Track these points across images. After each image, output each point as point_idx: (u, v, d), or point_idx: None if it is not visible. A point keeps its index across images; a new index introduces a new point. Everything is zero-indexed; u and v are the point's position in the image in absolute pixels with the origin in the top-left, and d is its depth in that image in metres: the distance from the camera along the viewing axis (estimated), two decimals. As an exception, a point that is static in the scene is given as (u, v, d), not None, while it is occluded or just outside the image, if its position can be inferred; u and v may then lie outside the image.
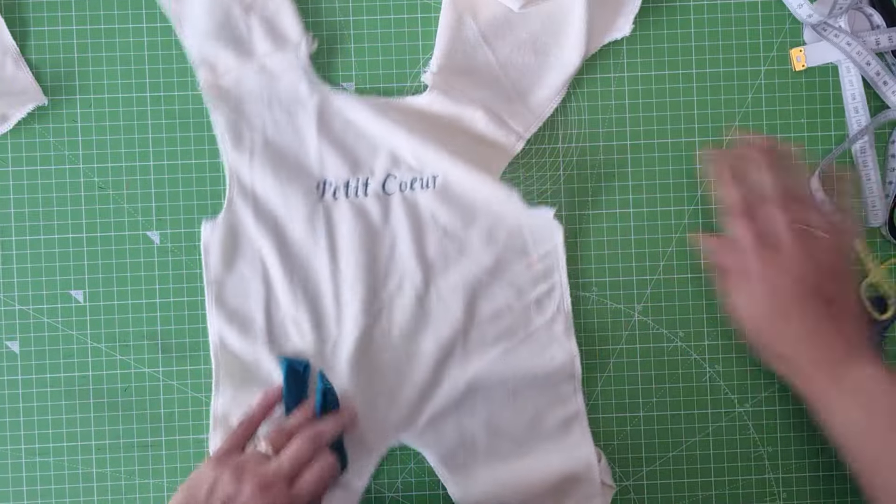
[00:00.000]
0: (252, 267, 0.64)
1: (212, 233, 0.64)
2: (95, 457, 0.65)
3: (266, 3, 0.64)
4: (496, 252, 0.65)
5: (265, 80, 0.64)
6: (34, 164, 0.65)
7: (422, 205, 0.65)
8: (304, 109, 0.64)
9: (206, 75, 0.64)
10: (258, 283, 0.64)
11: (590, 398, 0.66)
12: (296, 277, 0.64)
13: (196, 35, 0.64)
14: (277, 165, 0.64)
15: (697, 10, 0.67)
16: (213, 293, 0.64)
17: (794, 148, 0.63)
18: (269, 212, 0.64)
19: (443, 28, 0.64)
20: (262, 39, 0.64)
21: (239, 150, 0.64)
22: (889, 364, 0.67)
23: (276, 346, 0.64)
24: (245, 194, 0.64)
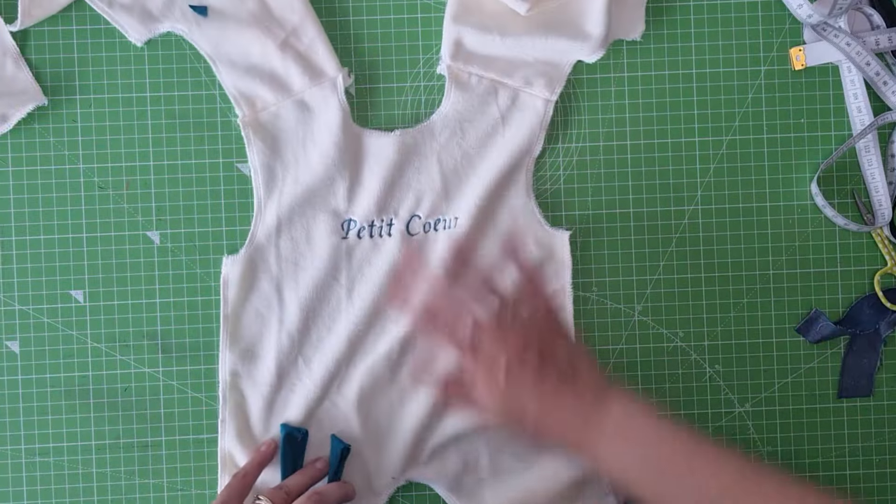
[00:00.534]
0: (268, 304, 0.64)
1: (232, 267, 0.64)
2: (95, 457, 0.65)
3: (300, 38, 0.64)
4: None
5: (302, 116, 0.64)
6: (34, 164, 0.65)
7: (443, 247, 0.64)
8: (336, 149, 0.64)
9: (245, 111, 0.64)
10: (273, 320, 0.64)
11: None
12: (311, 315, 0.64)
13: (233, 73, 0.64)
14: (305, 203, 0.64)
15: (697, 10, 0.67)
16: (228, 329, 0.64)
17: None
18: (291, 249, 0.64)
19: (448, 20, 0.64)
20: (298, 75, 0.64)
21: (270, 187, 0.64)
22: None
23: (286, 385, 0.64)
24: (269, 230, 0.64)
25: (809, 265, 0.67)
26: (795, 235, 0.67)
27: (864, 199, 0.67)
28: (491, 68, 0.64)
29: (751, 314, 0.67)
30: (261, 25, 0.63)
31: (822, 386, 0.67)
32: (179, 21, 0.63)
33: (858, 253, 0.67)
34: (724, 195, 0.67)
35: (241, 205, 0.65)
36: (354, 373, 0.64)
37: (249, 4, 0.63)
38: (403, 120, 0.66)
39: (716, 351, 0.67)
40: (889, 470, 0.67)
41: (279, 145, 0.64)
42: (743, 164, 0.67)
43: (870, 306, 0.67)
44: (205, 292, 0.65)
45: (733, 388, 0.67)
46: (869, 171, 0.67)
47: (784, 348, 0.67)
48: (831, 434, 0.67)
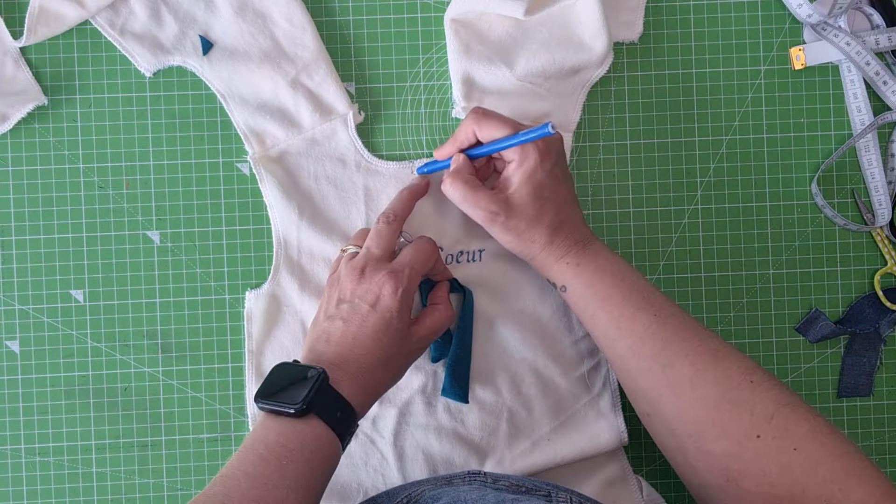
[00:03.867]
0: (293, 337, 0.64)
1: (255, 302, 0.64)
2: (95, 457, 0.65)
3: (311, 75, 0.64)
4: (542, 328, 0.65)
5: (313, 152, 0.64)
6: (34, 164, 0.65)
7: (467, 278, 0.64)
8: (351, 182, 0.64)
9: (255, 147, 0.64)
10: (298, 353, 0.64)
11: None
12: None
13: (244, 110, 0.64)
14: (325, 237, 0.64)
15: (697, 9, 0.67)
16: (254, 364, 0.64)
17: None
18: (315, 282, 0.64)
19: (453, 60, 0.64)
20: (309, 112, 0.64)
21: (287, 221, 0.64)
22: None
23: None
24: (291, 264, 0.64)
25: (809, 265, 0.67)
26: (795, 235, 0.67)
27: (864, 198, 0.67)
28: (505, 105, 0.64)
29: (751, 314, 0.67)
30: (272, 63, 0.63)
31: (822, 385, 0.67)
32: (190, 56, 0.64)
33: (858, 253, 0.67)
34: (724, 195, 0.67)
35: (240, 205, 0.65)
36: (389, 408, 0.64)
37: (261, 41, 0.63)
38: (403, 119, 0.66)
39: (716, 351, 0.67)
40: (889, 470, 0.67)
41: (292, 181, 0.64)
42: (743, 163, 0.67)
43: (870, 306, 0.67)
44: (205, 292, 0.65)
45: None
46: (869, 171, 0.67)
47: (784, 348, 0.67)
48: (831, 434, 0.67)
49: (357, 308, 0.55)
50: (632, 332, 0.56)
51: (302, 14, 0.64)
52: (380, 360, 0.54)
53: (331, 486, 0.63)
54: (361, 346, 0.54)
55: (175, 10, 0.64)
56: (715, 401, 0.52)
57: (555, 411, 0.64)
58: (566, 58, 0.64)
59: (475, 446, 0.64)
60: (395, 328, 0.55)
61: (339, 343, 0.54)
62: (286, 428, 0.50)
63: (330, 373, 0.52)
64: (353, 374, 0.53)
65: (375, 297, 0.55)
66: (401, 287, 0.55)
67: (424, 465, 0.63)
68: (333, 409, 0.51)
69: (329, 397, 0.51)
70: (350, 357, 0.54)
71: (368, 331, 0.54)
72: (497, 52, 0.64)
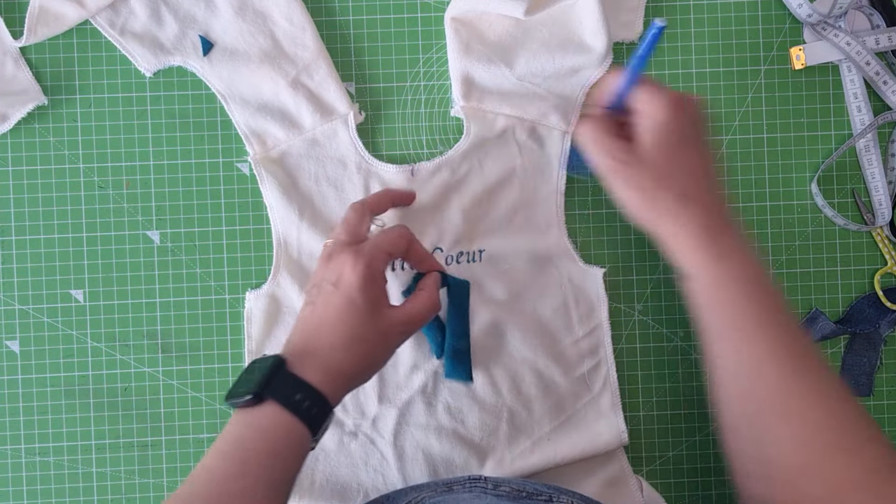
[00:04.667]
0: None
1: (255, 302, 0.64)
2: (95, 457, 0.65)
3: (311, 75, 0.64)
4: (542, 328, 0.65)
5: (313, 153, 0.64)
6: (34, 164, 0.65)
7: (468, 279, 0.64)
8: (351, 183, 0.64)
9: (256, 148, 0.64)
10: None
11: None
12: None
13: (244, 111, 0.64)
14: (325, 237, 0.63)
15: (697, 9, 0.67)
16: None
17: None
18: None
19: (453, 59, 0.64)
20: (309, 113, 0.64)
21: (288, 222, 0.64)
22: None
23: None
24: (291, 265, 0.64)
25: (809, 265, 0.67)
26: (795, 235, 0.67)
27: (864, 198, 0.67)
28: (505, 104, 0.64)
29: (751, 314, 0.67)
30: (272, 63, 0.63)
31: (822, 386, 0.67)
32: (191, 56, 0.64)
33: (858, 253, 0.67)
34: (724, 195, 0.67)
35: (240, 205, 0.65)
36: (389, 408, 0.64)
37: (261, 41, 0.63)
38: (403, 119, 0.66)
39: (716, 351, 0.67)
40: (889, 470, 0.67)
41: (292, 182, 0.64)
42: (743, 163, 0.67)
43: (870, 306, 0.67)
44: (205, 292, 0.65)
45: (733, 388, 0.67)
46: (869, 171, 0.67)
47: (784, 348, 0.67)
48: (831, 434, 0.67)
49: (322, 289, 0.54)
50: (759, 356, 0.53)
51: (302, 14, 0.64)
52: (345, 340, 0.52)
53: (331, 486, 0.63)
54: (327, 325, 0.52)
55: (175, 10, 0.64)
56: (822, 443, 0.50)
57: (555, 411, 0.64)
58: (566, 58, 0.64)
59: (475, 446, 0.64)
60: (358, 306, 0.52)
61: (306, 327, 0.53)
62: (246, 418, 0.50)
63: (293, 359, 0.51)
64: (318, 357, 0.51)
65: (338, 275, 0.53)
66: (361, 263, 0.53)
67: (424, 465, 0.63)
68: (291, 392, 0.50)
69: (286, 381, 0.50)
70: (315, 339, 0.52)
71: (332, 310, 0.52)
72: (497, 51, 0.64)
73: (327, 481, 0.63)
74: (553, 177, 0.65)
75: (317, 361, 0.51)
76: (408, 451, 0.64)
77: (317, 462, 0.64)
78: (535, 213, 0.65)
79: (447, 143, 0.66)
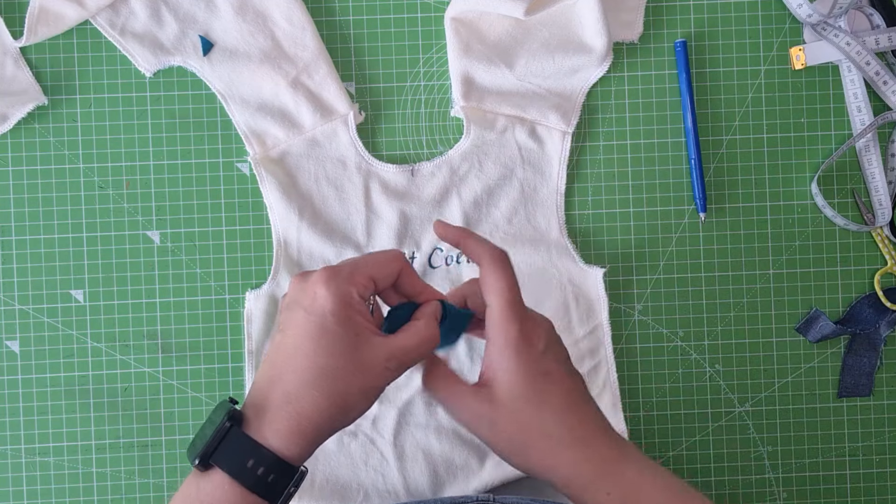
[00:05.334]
0: None
1: (255, 302, 0.64)
2: (95, 457, 0.65)
3: (311, 75, 0.64)
4: None
5: (313, 153, 0.64)
6: (34, 164, 0.65)
7: (466, 279, 0.64)
8: (351, 183, 0.64)
9: (256, 148, 0.64)
10: None
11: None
12: None
13: (244, 111, 0.64)
14: (325, 237, 0.64)
15: (697, 9, 0.67)
16: (254, 364, 0.64)
17: None
18: None
19: (453, 59, 0.64)
20: (309, 113, 0.64)
21: (287, 222, 0.64)
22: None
23: None
24: (291, 265, 0.64)
25: (809, 265, 0.67)
26: (795, 235, 0.67)
27: (864, 198, 0.67)
28: (505, 104, 0.64)
29: (751, 314, 0.67)
30: (272, 63, 0.63)
31: (822, 385, 0.67)
32: (191, 56, 0.64)
33: (858, 253, 0.67)
34: (724, 195, 0.67)
35: (240, 205, 0.65)
36: (389, 408, 0.64)
37: (261, 42, 0.63)
38: (403, 119, 0.66)
39: (716, 351, 0.67)
40: (889, 470, 0.67)
41: (292, 182, 0.64)
42: (743, 163, 0.67)
43: (870, 306, 0.67)
44: (205, 292, 0.65)
45: (733, 388, 0.67)
46: (869, 171, 0.67)
47: (784, 348, 0.67)
48: (831, 434, 0.67)
49: (292, 314, 0.44)
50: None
51: (302, 14, 0.64)
52: (313, 376, 0.43)
53: (331, 486, 0.63)
54: (297, 358, 0.43)
55: (175, 10, 0.64)
56: None
57: None
58: (566, 58, 0.64)
59: (475, 446, 0.64)
60: (332, 333, 0.43)
61: (275, 361, 0.44)
62: (190, 488, 0.43)
63: (253, 409, 0.43)
64: (282, 405, 0.43)
65: (311, 298, 0.44)
66: (336, 283, 0.44)
67: (424, 465, 0.63)
68: (241, 457, 0.42)
69: (235, 443, 0.42)
70: (283, 378, 0.43)
71: (300, 340, 0.43)
72: (497, 51, 0.64)
73: (327, 481, 0.63)
74: (553, 177, 0.65)
75: (279, 412, 0.42)
76: (408, 450, 0.64)
77: (317, 462, 0.64)
78: (535, 213, 0.65)
79: (447, 143, 0.66)
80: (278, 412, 0.42)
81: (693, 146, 0.65)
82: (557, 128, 0.64)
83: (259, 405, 0.43)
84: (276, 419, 0.42)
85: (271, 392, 0.43)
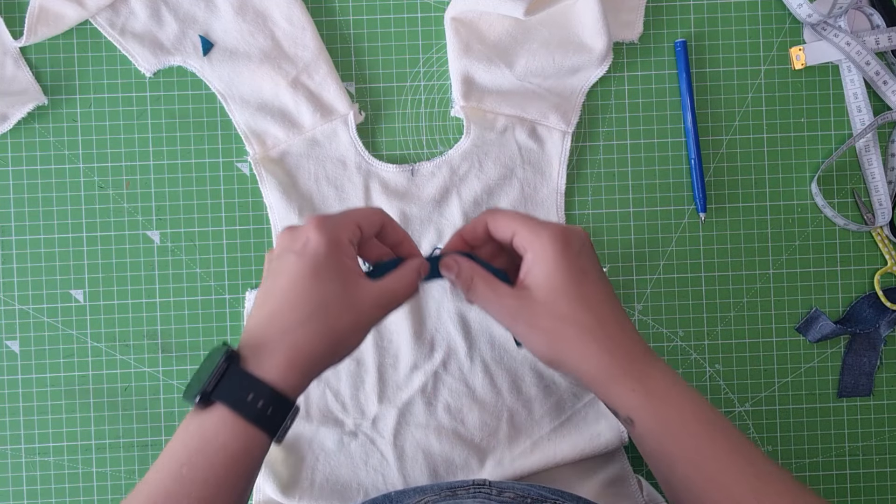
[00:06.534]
0: None
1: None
2: (95, 457, 0.65)
3: (311, 75, 0.64)
4: None
5: (313, 153, 0.64)
6: (34, 164, 0.65)
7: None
8: (351, 183, 0.64)
9: (256, 148, 0.64)
10: None
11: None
12: None
13: (244, 111, 0.64)
14: None
15: (697, 9, 0.67)
16: None
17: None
18: None
19: (453, 59, 0.64)
20: (309, 112, 0.64)
21: (287, 222, 0.64)
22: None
23: (315, 418, 0.64)
24: None
25: (809, 265, 0.67)
26: (795, 235, 0.67)
27: (864, 198, 0.67)
28: (505, 103, 0.64)
29: (751, 314, 0.67)
30: (272, 63, 0.63)
31: (822, 385, 0.67)
32: (191, 56, 0.64)
33: (858, 253, 0.67)
34: (724, 195, 0.67)
35: (240, 205, 0.65)
36: (389, 408, 0.64)
37: (261, 41, 0.63)
38: (403, 119, 0.66)
39: (716, 351, 0.67)
40: (889, 469, 0.67)
41: (292, 182, 0.64)
42: (743, 163, 0.67)
43: (870, 305, 0.67)
44: (205, 292, 0.65)
45: (733, 388, 0.67)
46: (869, 171, 0.67)
47: (784, 348, 0.67)
48: (831, 433, 0.67)
49: (284, 259, 0.47)
50: (729, 498, 0.46)
51: (302, 14, 0.64)
52: (309, 311, 0.45)
53: (331, 486, 0.63)
54: (290, 299, 0.46)
55: (175, 10, 0.64)
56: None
57: (555, 411, 0.64)
58: (566, 58, 0.64)
59: (475, 446, 0.64)
60: (324, 272, 0.46)
61: (264, 305, 0.47)
62: (193, 425, 0.45)
63: (247, 349, 0.45)
64: (277, 341, 0.45)
65: (302, 243, 0.47)
66: (326, 228, 0.47)
67: (424, 465, 0.63)
68: (242, 392, 0.44)
69: (236, 379, 0.44)
70: (277, 317, 0.46)
71: (295, 279, 0.46)
72: (497, 51, 0.64)
73: (327, 481, 0.63)
74: (553, 177, 0.65)
75: (276, 347, 0.45)
76: (408, 450, 0.64)
77: (317, 462, 0.64)
78: (536, 212, 0.65)
79: (447, 143, 0.66)
80: (275, 348, 0.45)
81: (693, 146, 0.65)
82: (557, 128, 0.64)
83: (255, 344, 0.45)
84: (274, 354, 0.45)
85: (268, 329, 0.45)
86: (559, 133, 0.65)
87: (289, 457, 0.64)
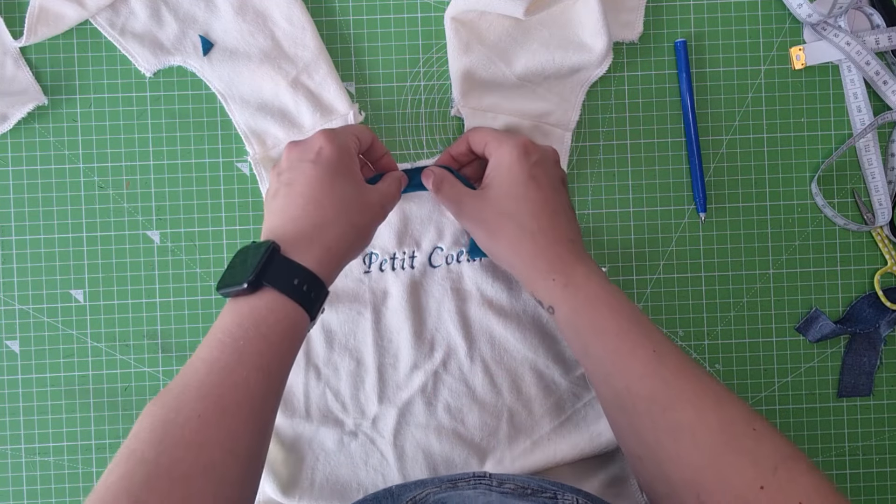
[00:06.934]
0: None
1: None
2: (95, 457, 0.65)
3: (311, 75, 0.64)
4: (542, 328, 0.65)
5: None
6: (34, 164, 0.65)
7: (467, 278, 0.64)
8: None
9: (256, 148, 0.64)
10: (299, 355, 0.64)
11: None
12: (338, 350, 0.64)
13: (244, 110, 0.64)
14: None
15: (697, 9, 0.67)
16: None
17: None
18: None
19: (453, 58, 0.64)
20: (309, 112, 0.64)
21: None
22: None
23: (316, 419, 0.64)
24: None
25: (809, 265, 0.67)
26: (795, 235, 0.67)
27: (864, 198, 0.67)
28: (505, 104, 0.64)
29: (751, 314, 0.67)
30: (272, 63, 0.63)
31: (822, 385, 0.67)
32: (191, 56, 0.64)
33: (858, 252, 0.67)
34: (724, 195, 0.67)
35: (240, 204, 0.65)
36: (389, 408, 0.64)
37: (261, 41, 0.63)
38: (403, 119, 0.66)
39: (716, 351, 0.67)
40: (889, 470, 0.67)
41: None
42: (743, 163, 0.67)
43: (870, 305, 0.67)
44: (205, 292, 0.65)
45: (733, 388, 0.67)
46: (869, 171, 0.67)
47: (784, 348, 0.67)
48: (831, 433, 0.67)
49: (298, 168, 0.54)
50: (629, 370, 0.52)
51: (302, 14, 0.64)
52: (333, 214, 0.52)
53: (331, 485, 0.63)
54: (313, 202, 0.52)
55: (175, 10, 0.64)
56: (717, 449, 0.48)
57: (555, 411, 0.64)
58: (566, 58, 0.64)
59: (475, 446, 0.64)
60: (342, 176, 0.54)
61: (288, 208, 0.53)
62: (241, 307, 0.49)
63: (283, 243, 0.51)
64: (309, 238, 0.51)
65: (315, 152, 0.54)
66: (336, 138, 0.54)
67: (424, 465, 0.63)
68: (288, 276, 0.49)
69: (281, 266, 0.50)
70: (303, 219, 0.52)
71: (315, 184, 0.53)
72: (497, 51, 0.64)
73: (327, 481, 0.63)
74: None
75: (309, 243, 0.51)
76: (408, 450, 0.64)
77: (317, 462, 0.64)
78: None
79: (447, 143, 0.66)
80: (312, 241, 0.51)
81: (693, 146, 0.65)
82: (557, 127, 0.64)
83: (290, 239, 0.51)
84: (311, 247, 0.51)
85: (299, 226, 0.51)
86: (559, 133, 0.65)
87: (289, 457, 0.64)
